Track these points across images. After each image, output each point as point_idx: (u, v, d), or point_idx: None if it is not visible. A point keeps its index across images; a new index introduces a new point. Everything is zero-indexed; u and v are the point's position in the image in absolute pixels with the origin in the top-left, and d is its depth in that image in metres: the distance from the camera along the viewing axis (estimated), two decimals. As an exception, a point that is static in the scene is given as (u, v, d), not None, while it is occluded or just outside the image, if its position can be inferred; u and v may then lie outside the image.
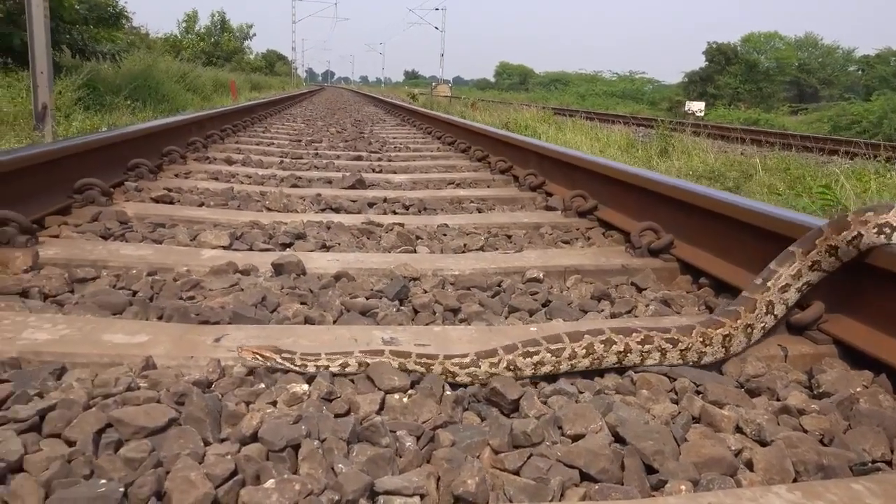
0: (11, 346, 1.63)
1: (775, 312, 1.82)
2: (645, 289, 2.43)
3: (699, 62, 69.28)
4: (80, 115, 11.34)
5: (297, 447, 1.28)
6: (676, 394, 1.58)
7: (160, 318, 1.95)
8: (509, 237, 3.17)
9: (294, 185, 4.37)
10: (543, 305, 2.22)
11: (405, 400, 1.48)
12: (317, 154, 6.26)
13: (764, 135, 12.94)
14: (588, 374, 1.68)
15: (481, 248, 2.93)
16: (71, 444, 1.27)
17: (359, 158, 6.11)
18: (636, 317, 2.16)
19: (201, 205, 3.58)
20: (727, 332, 1.73)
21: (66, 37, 14.31)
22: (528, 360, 1.60)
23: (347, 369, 1.59)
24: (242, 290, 2.19)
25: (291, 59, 76.21)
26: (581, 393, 1.57)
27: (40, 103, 9.16)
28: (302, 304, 2.12)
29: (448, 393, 1.51)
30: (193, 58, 33.78)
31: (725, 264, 2.38)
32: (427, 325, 2.03)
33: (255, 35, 57.01)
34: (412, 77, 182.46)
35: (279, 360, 1.58)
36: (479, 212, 3.85)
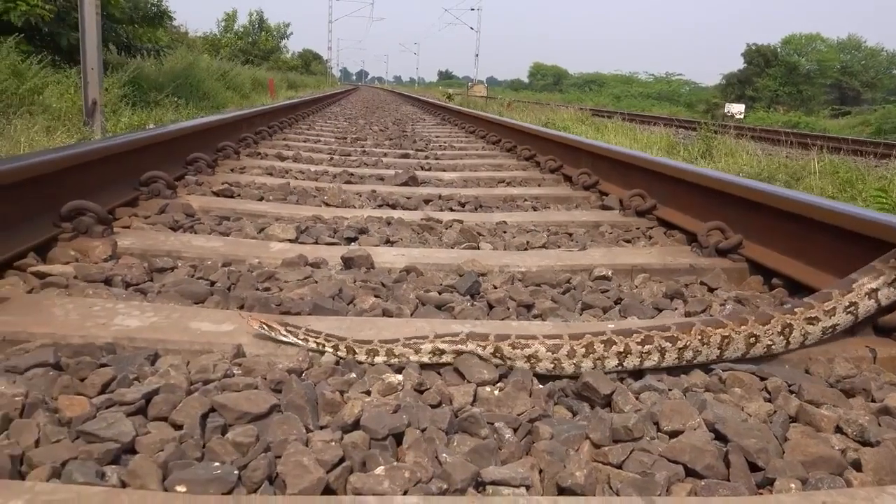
0: (106, 332, 1.66)
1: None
2: (716, 288, 2.40)
3: (737, 64, 68.29)
4: (126, 111, 11.55)
5: (398, 436, 1.29)
6: (769, 393, 1.55)
7: (241, 307, 1.97)
8: (570, 235, 3.15)
9: (348, 182, 4.41)
10: (615, 303, 2.21)
11: (497, 392, 1.48)
12: (364, 151, 6.30)
13: (810, 137, 12.70)
14: (672, 370, 1.66)
15: (543, 246, 2.92)
16: (178, 427, 1.29)
17: (406, 156, 6.13)
18: (711, 315, 2.13)
19: (261, 199, 3.62)
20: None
21: (111, 34, 14.59)
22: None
23: (376, 359, 1.61)
24: (316, 282, 2.21)
25: (326, 59, 76.89)
26: (670, 390, 1.55)
27: (90, 99, 9.35)
28: (376, 297, 2.13)
29: (539, 386, 1.51)
30: (231, 56, 34.25)
31: (800, 264, 2.34)
32: (503, 319, 2.02)
33: (291, 34, 57.59)
34: (446, 77, 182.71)
35: (283, 332, 1.63)
36: (535, 210, 3.84)
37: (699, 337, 1.63)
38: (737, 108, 27.25)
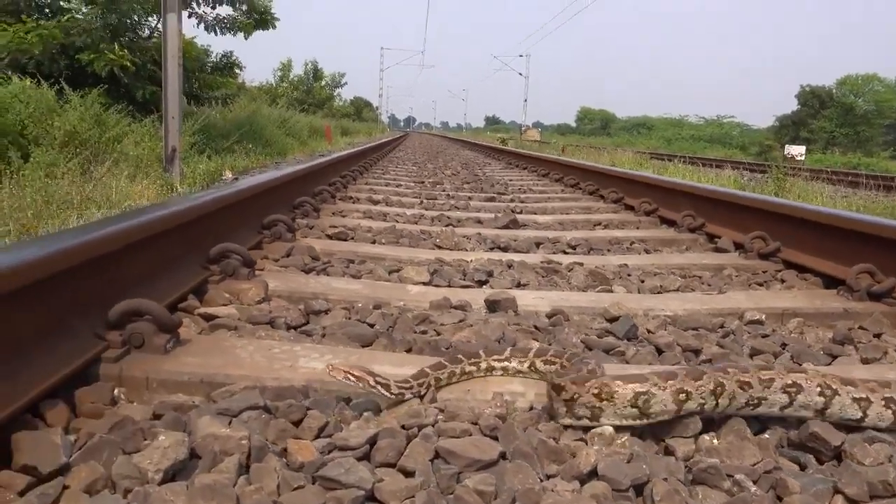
0: (296, 374, 1.65)
1: None
2: (881, 333, 2.30)
3: (790, 106, 67.41)
4: (196, 158, 11.88)
5: (639, 486, 1.24)
6: None
7: (408, 350, 1.95)
8: (699, 278, 3.07)
9: (448, 225, 4.41)
10: (781, 347, 2.13)
11: (716, 442, 1.41)
12: (449, 196, 6.33)
13: (882, 178, 12.34)
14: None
15: (677, 290, 2.85)
16: (408, 473, 1.26)
17: (491, 199, 6.13)
18: (891, 363, 2.03)
19: (373, 242, 3.64)
20: None
21: (185, 85, 15.14)
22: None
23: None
24: (471, 325, 2.18)
25: (377, 106, 78.46)
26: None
27: (170, 146, 9.65)
28: (534, 340, 2.09)
29: (765, 436, 1.44)
30: (288, 105, 35.20)
31: (973, 309, 2.23)
32: (674, 364, 1.96)
33: (346, 84, 58.98)
34: (493, 122, 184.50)
35: (372, 382, 1.52)
36: (647, 252, 3.77)
37: None
38: (797, 150, 26.71)
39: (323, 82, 54.04)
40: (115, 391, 1.54)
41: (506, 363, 1.71)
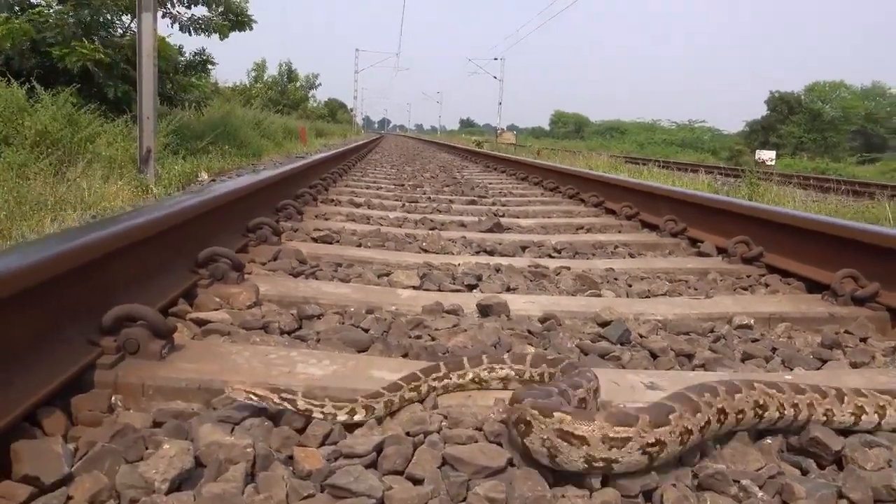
0: (296, 380, 1.63)
1: None
2: (867, 338, 2.34)
3: (759, 111, 68.46)
4: (171, 159, 11.72)
5: (648, 493, 1.24)
6: None
7: (405, 355, 1.94)
8: (685, 282, 3.10)
9: (432, 228, 4.40)
10: (771, 351, 2.16)
11: (720, 447, 1.42)
12: (430, 198, 6.32)
13: (853, 184, 12.59)
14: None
15: (665, 294, 2.87)
16: (416, 481, 1.25)
17: (473, 203, 6.14)
18: (879, 367, 2.07)
19: (359, 245, 3.62)
20: None
21: (158, 86, 14.93)
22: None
23: (355, 417, 1.45)
24: (465, 330, 2.18)
25: (351, 108, 78.14)
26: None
27: (145, 147, 9.51)
28: (529, 345, 2.10)
29: (768, 441, 1.45)
30: (263, 106, 34.92)
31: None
32: (668, 369, 1.97)
33: (320, 85, 58.68)
34: (468, 125, 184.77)
35: (276, 400, 1.42)
36: (632, 256, 3.80)
37: None
38: (768, 155, 27.15)
39: (297, 83, 53.73)
40: (112, 398, 1.51)
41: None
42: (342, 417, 1.45)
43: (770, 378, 1.68)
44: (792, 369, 2.02)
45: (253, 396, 1.41)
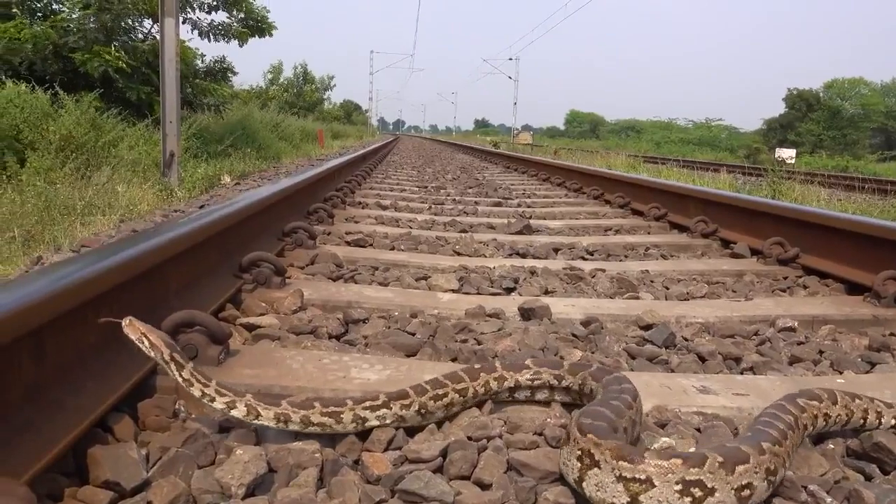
0: (352, 385, 1.65)
1: None
2: (913, 340, 2.32)
3: (777, 109, 67.92)
4: (192, 162, 11.81)
5: (717, 498, 1.24)
6: None
7: (454, 359, 1.95)
8: (722, 284, 3.09)
9: (462, 231, 4.41)
10: (818, 354, 2.15)
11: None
12: (455, 200, 6.34)
13: (889, 184, 12.43)
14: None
15: (704, 296, 2.86)
16: (483, 486, 1.26)
17: (498, 204, 6.15)
18: (930, 370, 2.05)
19: (392, 248, 3.64)
20: None
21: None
22: None
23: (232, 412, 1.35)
24: (510, 334, 2.19)
25: (366, 109, 78.42)
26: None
27: (168, 151, 9.59)
28: (575, 349, 2.10)
29: (830, 446, 1.45)
30: (280, 109, 35.11)
31: None
32: (717, 373, 1.97)
33: (335, 86, 58.93)
34: (482, 125, 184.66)
35: (166, 356, 1.35)
36: (665, 258, 3.79)
37: None
38: (787, 153, 26.83)
39: (313, 85, 53.95)
40: (176, 404, 1.53)
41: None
42: (220, 406, 1.36)
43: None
44: (841, 372, 2.01)
45: (145, 340, 1.35)
